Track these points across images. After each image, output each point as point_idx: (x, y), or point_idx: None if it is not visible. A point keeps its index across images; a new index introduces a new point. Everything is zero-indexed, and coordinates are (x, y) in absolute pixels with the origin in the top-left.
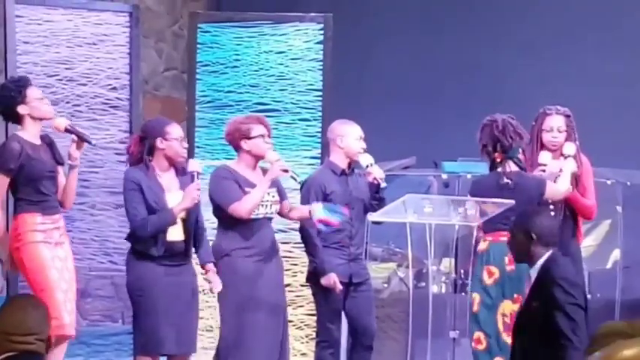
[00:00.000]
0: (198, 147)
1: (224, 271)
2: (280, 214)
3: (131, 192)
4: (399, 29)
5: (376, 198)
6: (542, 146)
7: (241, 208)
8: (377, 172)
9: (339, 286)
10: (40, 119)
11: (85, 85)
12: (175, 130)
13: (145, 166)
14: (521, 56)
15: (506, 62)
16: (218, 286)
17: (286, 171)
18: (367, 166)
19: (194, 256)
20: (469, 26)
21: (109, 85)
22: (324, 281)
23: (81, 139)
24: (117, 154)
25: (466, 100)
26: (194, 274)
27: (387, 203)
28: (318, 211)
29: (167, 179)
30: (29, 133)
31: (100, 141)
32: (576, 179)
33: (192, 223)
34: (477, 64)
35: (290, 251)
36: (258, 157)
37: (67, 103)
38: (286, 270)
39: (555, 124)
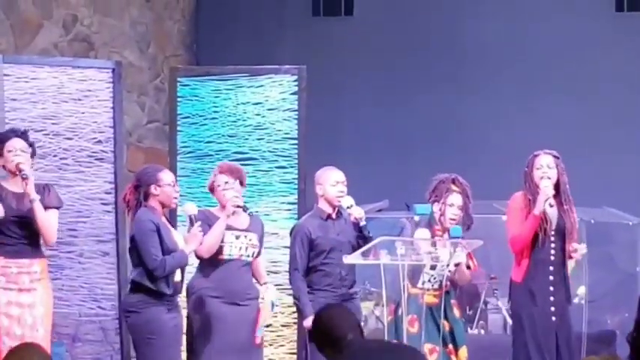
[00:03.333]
0: (180, 195)
1: (193, 308)
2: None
3: (150, 232)
4: (370, 80)
5: (360, 237)
6: (537, 187)
7: (201, 247)
8: (356, 212)
9: None
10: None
11: (70, 139)
12: (167, 177)
13: (150, 210)
14: (486, 105)
15: (472, 111)
16: None
17: (239, 206)
18: (348, 208)
19: None
20: (437, 78)
21: (94, 138)
22: (305, 323)
23: (18, 171)
24: (103, 204)
25: (434, 146)
26: (182, 315)
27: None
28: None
29: (164, 222)
30: (6, 179)
31: (87, 192)
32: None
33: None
34: (445, 114)
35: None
36: (223, 203)
37: (55, 156)
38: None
39: (545, 161)
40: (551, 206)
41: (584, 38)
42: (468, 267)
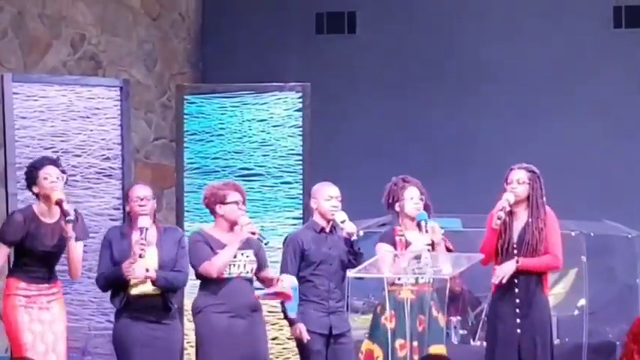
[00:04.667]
0: (187, 211)
1: (199, 325)
2: (258, 278)
3: (101, 248)
4: (371, 96)
5: (351, 252)
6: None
7: (210, 267)
8: (348, 227)
9: (306, 336)
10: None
11: (79, 156)
12: (131, 192)
13: (128, 224)
14: (486, 120)
15: (471, 129)
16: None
17: (254, 233)
18: (341, 222)
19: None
20: (438, 96)
21: (103, 155)
22: (291, 331)
23: (63, 215)
24: (111, 219)
25: (435, 162)
26: (177, 331)
27: (363, 256)
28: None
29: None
30: (40, 208)
31: (95, 208)
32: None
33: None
34: (445, 128)
35: (276, 306)
36: (231, 222)
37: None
38: (273, 324)
39: (515, 177)
40: (499, 219)
41: (582, 55)
42: (449, 249)
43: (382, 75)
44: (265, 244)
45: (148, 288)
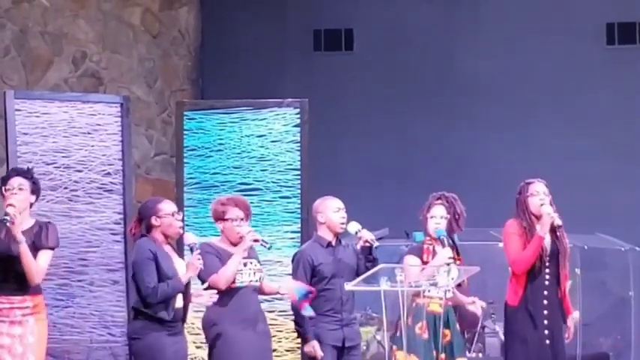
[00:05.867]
0: (187, 225)
1: (213, 338)
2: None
3: (146, 260)
4: (369, 111)
5: (369, 259)
6: (532, 213)
7: (219, 280)
8: (367, 235)
9: (320, 353)
10: None
11: (81, 171)
12: (166, 207)
13: (150, 239)
14: (483, 135)
15: (469, 141)
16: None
17: (257, 240)
18: (356, 232)
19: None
20: (435, 110)
21: (104, 170)
22: (305, 348)
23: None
24: (112, 234)
25: (432, 175)
26: (186, 341)
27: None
28: (296, 293)
29: (168, 251)
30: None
31: (97, 222)
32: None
33: (189, 293)
34: (442, 145)
35: (275, 319)
36: (230, 238)
37: (65, 188)
38: (272, 336)
39: (540, 188)
40: (559, 227)
41: (576, 71)
42: (459, 285)
43: (379, 91)
44: (268, 248)
45: (179, 301)
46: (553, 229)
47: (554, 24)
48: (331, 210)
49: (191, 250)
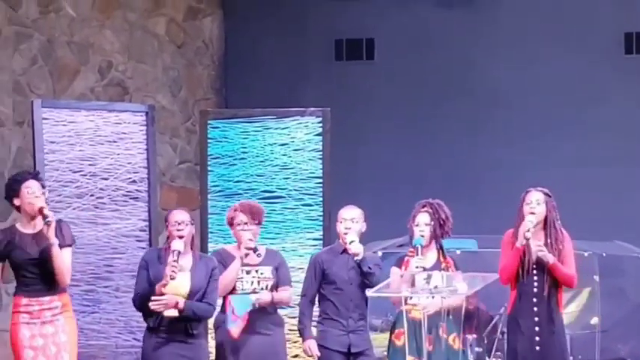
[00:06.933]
0: (211, 232)
1: (220, 340)
2: None
3: (138, 269)
4: (389, 121)
5: (360, 273)
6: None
7: (219, 285)
8: (353, 248)
9: (317, 353)
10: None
11: (106, 179)
12: (171, 217)
13: (165, 248)
14: (503, 143)
15: (488, 148)
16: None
17: (250, 248)
18: (349, 244)
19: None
20: (454, 120)
21: (129, 178)
22: (304, 345)
23: (43, 218)
24: (138, 240)
25: (451, 184)
26: (203, 349)
27: (376, 275)
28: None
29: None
30: (21, 220)
31: (122, 229)
32: None
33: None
34: (460, 154)
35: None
36: (240, 242)
37: (91, 196)
38: (294, 342)
39: (534, 197)
40: (526, 239)
41: (594, 80)
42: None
43: (399, 100)
44: (258, 255)
45: (176, 312)
46: (546, 237)
47: (573, 33)
48: (338, 220)
49: (172, 255)
